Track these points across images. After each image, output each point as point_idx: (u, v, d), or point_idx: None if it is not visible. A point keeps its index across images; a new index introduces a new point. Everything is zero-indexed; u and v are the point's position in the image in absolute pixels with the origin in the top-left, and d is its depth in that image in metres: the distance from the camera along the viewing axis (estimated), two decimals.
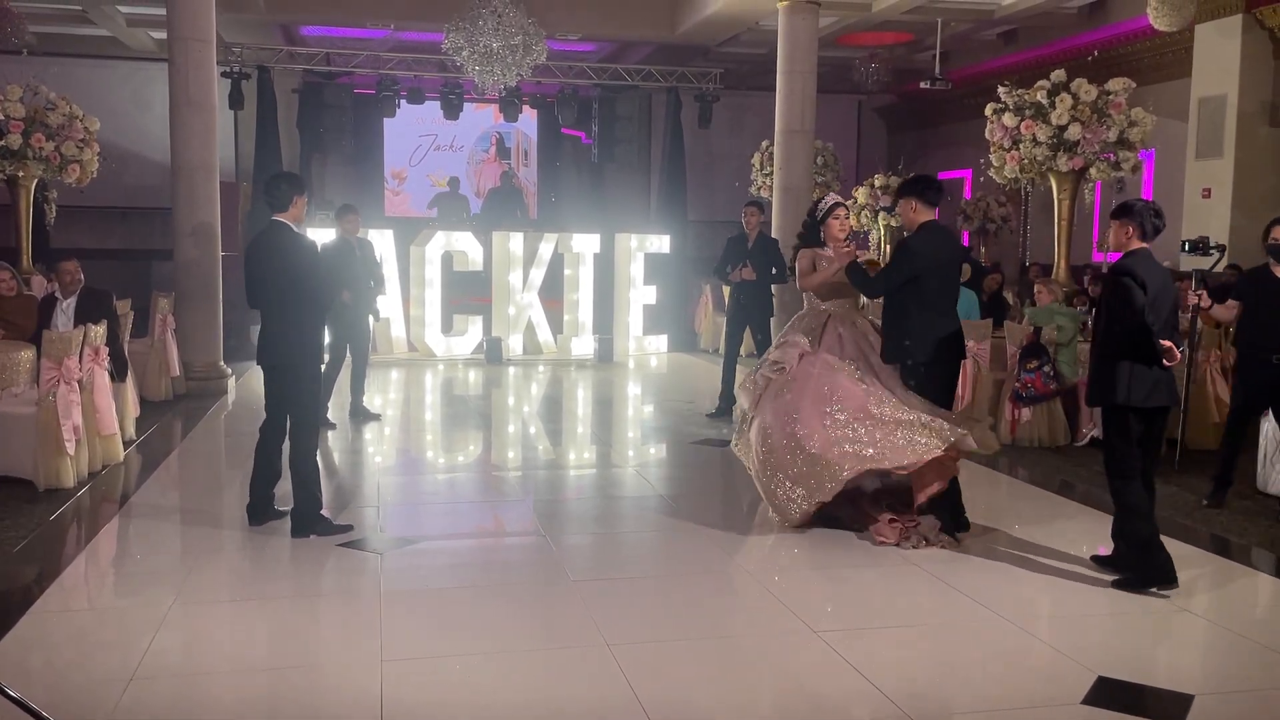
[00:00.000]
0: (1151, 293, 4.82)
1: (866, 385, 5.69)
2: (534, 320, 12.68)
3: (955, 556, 5.45)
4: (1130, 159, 9.23)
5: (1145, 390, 4.87)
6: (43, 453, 6.30)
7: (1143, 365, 4.84)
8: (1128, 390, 4.86)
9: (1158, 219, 5.01)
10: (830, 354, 5.85)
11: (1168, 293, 4.95)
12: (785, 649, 4.31)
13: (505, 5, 12.13)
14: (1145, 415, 4.94)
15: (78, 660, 4.09)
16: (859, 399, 5.62)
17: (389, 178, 18.61)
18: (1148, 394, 4.88)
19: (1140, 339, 4.81)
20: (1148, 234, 4.99)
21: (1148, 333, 4.80)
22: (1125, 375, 4.86)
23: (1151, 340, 4.80)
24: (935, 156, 18.35)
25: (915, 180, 5.84)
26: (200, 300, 10.04)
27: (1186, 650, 4.50)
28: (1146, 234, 4.99)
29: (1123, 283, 4.84)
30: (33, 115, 9.90)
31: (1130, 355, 4.85)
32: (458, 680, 3.95)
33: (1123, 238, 5.03)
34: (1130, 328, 4.83)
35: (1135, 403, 4.88)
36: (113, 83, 15.97)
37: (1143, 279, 4.82)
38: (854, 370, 5.76)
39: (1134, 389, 4.86)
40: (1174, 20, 10.66)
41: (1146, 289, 4.81)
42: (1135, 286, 4.80)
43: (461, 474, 7.61)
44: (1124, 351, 4.87)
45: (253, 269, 5.60)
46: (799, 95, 11.73)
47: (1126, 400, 4.88)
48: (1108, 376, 4.91)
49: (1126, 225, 5.01)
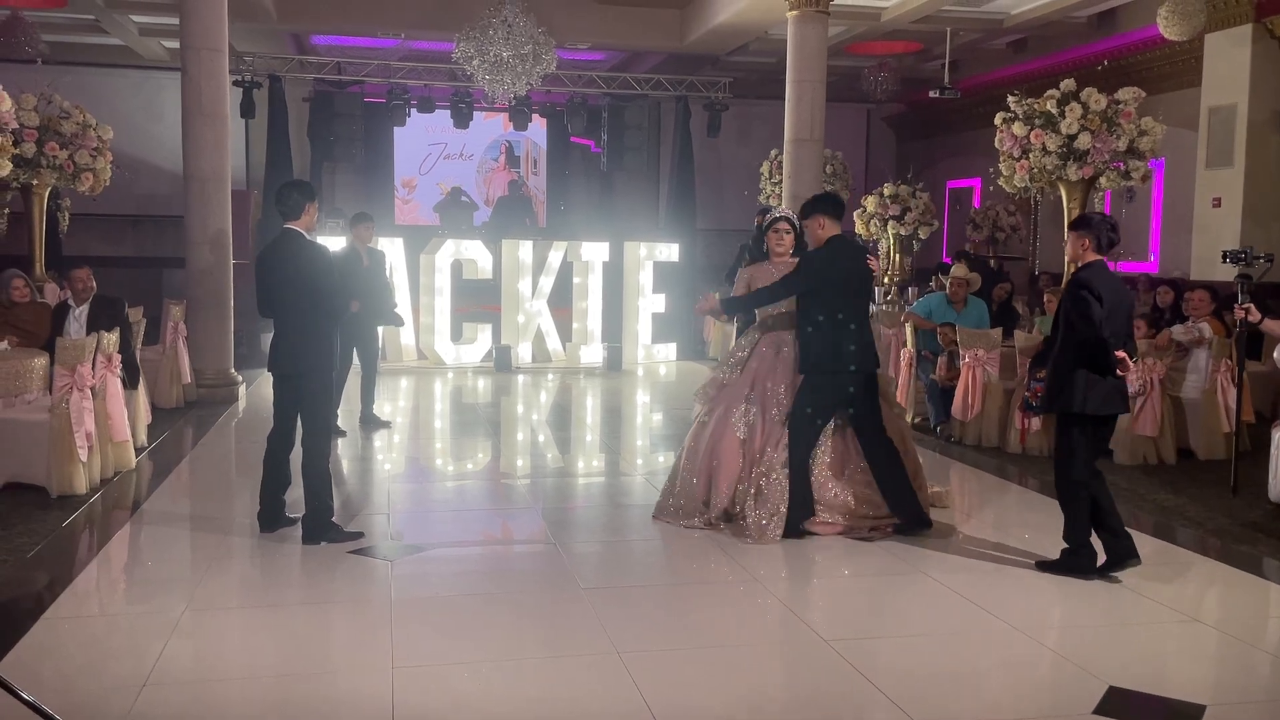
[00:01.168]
0: (1107, 304, 4.97)
1: (748, 441, 5.90)
2: (543, 328, 12.70)
3: (966, 566, 5.44)
4: (1140, 168, 9.22)
5: (1100, 399, 5.05)
6: (56, 459, 6.34)
7: (1098, 375, 5.01)
8: (1084, 399, 5.03)
9: (1113, 233, 5.19)
10: (755, 375, 6.01)
11: (1122, 303, 5.13)
12: (796, 657, 4.31)
13: (515, 15, 12.19)
14: (1097, 422, 5.14)
15: (90, 666, 4.11)
16: (733, 467, 5.90)
17: (399, 186, 18.69)
18: (1102, 402, 5.06)
19: (1096, 349, 4.97)
20: (1103, 246, 5.16)
21: (1103, 343, 4.96)
22: (1082, 384, 5.03)
23: (1107, 350, 4.96)
24: (944, 165, 18.35)
25: (819, 198, 6.03)
26: (212, 308, 10.09)
27: (1198, 660, 4.48)
28: (1102, 246, 5.16)
29: (1080, 295, 4.99)
30: (46, 124, 9.95)
31: (1086, 365, 5.01)
32: (468, 687, 3.96)
33: (1079, 250, 5.19)
34: (1086, 338, 4.98)
35: (1091, 410, 5.04)
36: (125, 91, 16.08)
37: (1099, 291, 4.96)
38: (750, 415, 5.93)
39: (1090, 398, 5.03)
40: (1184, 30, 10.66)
41: (1103, 301, 4.95)
42: (1093, 299, 4.94)
43: (471, 481, 7.63)
44: (1080, 361, 5.02)
45: (265, 277, 5.62)
46: (808, 104, 11.75)
47: (1083, 408, 5.04)
48: (1065, 385, 5.08)
49: (1084, 238, 5.17)
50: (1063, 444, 5.24)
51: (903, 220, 14.02)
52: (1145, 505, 6.71)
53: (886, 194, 14.14)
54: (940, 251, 17.65)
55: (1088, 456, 5.16)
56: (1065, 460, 5.21)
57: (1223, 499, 6.80)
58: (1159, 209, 13.76)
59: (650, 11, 15.14)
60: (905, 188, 14.13)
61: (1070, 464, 5.18)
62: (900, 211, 14.01)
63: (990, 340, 8.52)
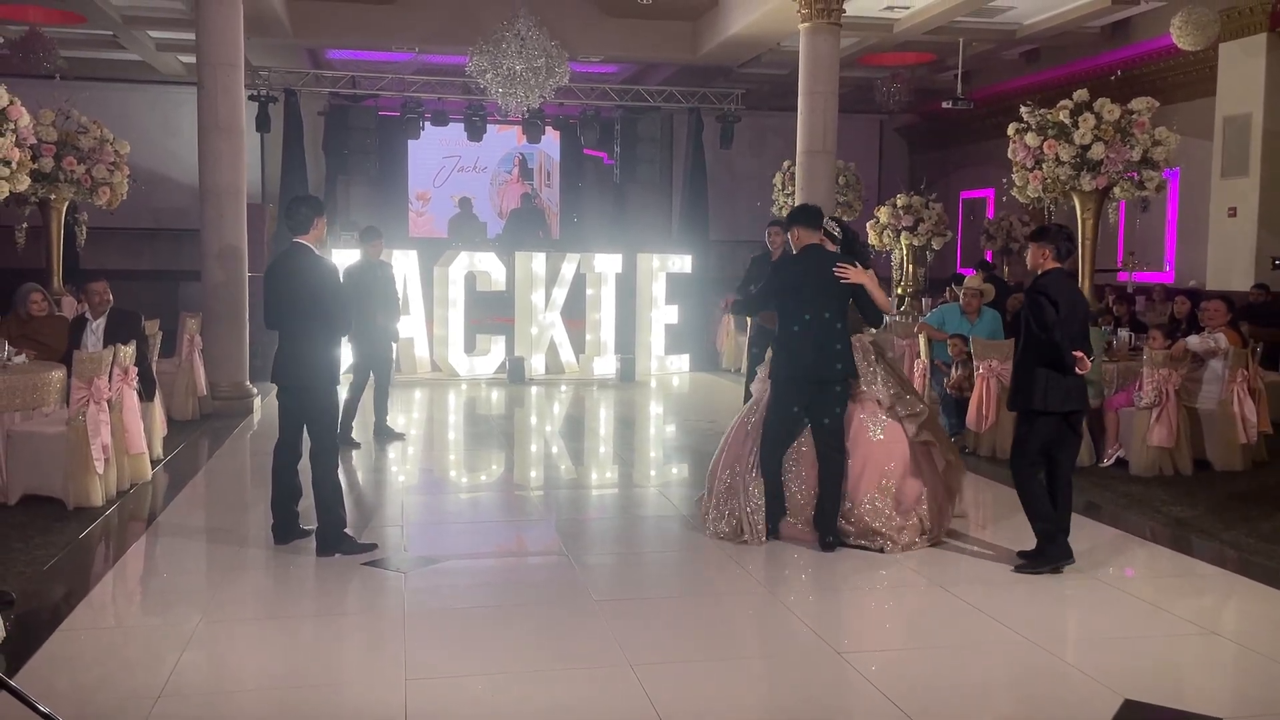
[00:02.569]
0: (1063, 309, 5.30)
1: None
2: (556, 340, 12.72)
3: (981, 577, 5.41)
4: (1155, 178, 9.19)
5: (1060, 397, 5.36)
6: (72, 472, 6.38)
7: (1056, 374, 5.33)
8: (1044, 397, 5.35)
9: (1069, 243, 5.54)
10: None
11: (1078, 308, 5.45)
12: (808, 669, 4.30)
13: (529, 28, 12.25)
14: (1060, 418, 5.42)
15: (106, 678, 4.13)
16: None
17: (413, 199, 18.77)
18: (1062, 400, 5.37)
19: (1052, 351, 5.29)
20: (1061, 255, 5.48)
21: (1057, 345, 5.28)
22: (1041, 383, 5.35)
23: (1062, 351, 5.27)
24: (957, 176, 18.33)
25: (794, 210, 6.35)
26: (227, 321, 10.15)
27: (1215, 673, 4.45)
28: (1060, 255, 5.48)
29: (1038, 301, 5.33)
30: (64, 139, 10.05)
31: (1045, 365, 5.34)
32: (481, 699, 3.96)
33: (1039, 259, 5.51)
34: (1044, 341, 5.30)
35: (1052, 407, 5.37)
36: (142, 106, 16.22)
37: (1055, 297, 5.30)
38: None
39: (1050, 396, 5.35)
40: (1198, 39, 10.64)
41: (1059, 305, 5.28)
42: (1049, 304, 5.28)
43: (484, 493, 7.64)
44: (1040, 361, 5.35)
45: (272, 290, 5.67)
46: (821, 115, 11.75)
47: (1044, 406, 5.37)
48: (1026, 384, 5.41)
49: (1044, 248, 5.49)
50: (1019, 436, 5.56)
51: (916, 231, 14.01)
52: (1161, 517, 6.67)
53: (899, 205, 14.12)
54: (954, 262, 17.61)
55: (1037, 450, 5.47)
56: (1019, 453, 5.52)
57: (1240, 510, 6.76)
58: (1174, 219, 13.70)
59: (663, 24, 15.19)
60: (918, 198, 14.11)
61: (1021, 459, 5.50)
62: (913, 222, 13.99)
63: (1004, 351, 8.47)
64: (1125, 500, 7.09)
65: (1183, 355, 8.02)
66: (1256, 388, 8.05)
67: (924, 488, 5.85)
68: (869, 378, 5.95)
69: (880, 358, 6.07)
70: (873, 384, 5.95)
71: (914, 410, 5.92)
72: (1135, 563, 5.93)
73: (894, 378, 6.04)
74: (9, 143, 7.84)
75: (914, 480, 5.84)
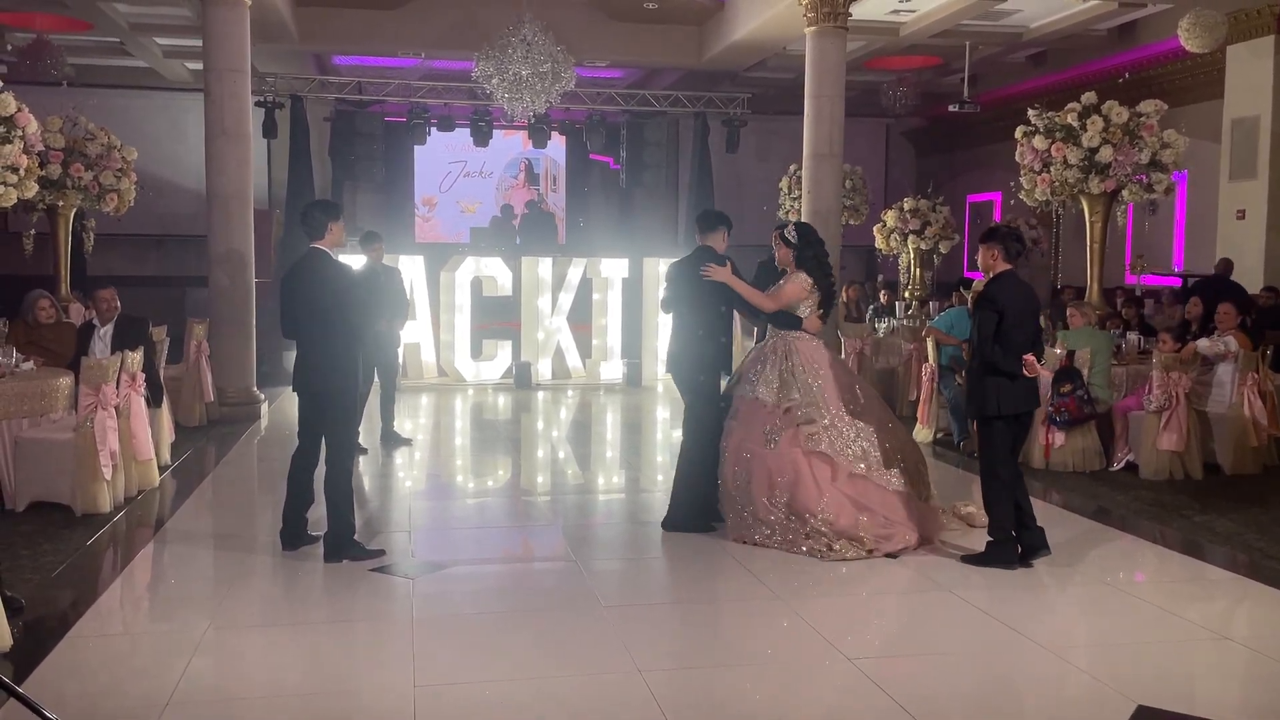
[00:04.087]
0: (1014, 312, 5.38)
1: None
2: (563, 345, 12.71)
3: (991, 582, 5.39)
4: (1163, 180, 9.16)
5: (1013, 400, 5.45)
6: (80, 478, 6.38)
7: (1007, 379, 5.41)
8: (998, 402, 5.44)
9: (1018, 243, 5.59)
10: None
11: (1029, 310, 5.53)
12: (818, 675, 4.28)
13: (534, 33, 12.25)
14: (1013, 419, 5.52)
15: (113, 685, 4.12)
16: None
17: (419, 204, 18.77)
18: (1017, 401, 5.48)
19: (997, 358, 5.37)
20: (1011, 256, 5.52)
21: (1002, 354, 5.35)
22: (994, 389, 5.44)
23: (1007, 357, 5.35)
24: (964, 179, 18.30)
25: (701, 214, 6.81)
26: (234, 327, 10.16)
27: (1228, 679, 4.42)
28: (1010, 256, 5.51)
29: (982, 311, 5.44)
30: (72, 145, 10.07)
31: (994, 371, 5.41)
32: (490, 705, 3.95)
33: (989, 260, 5.54)
34: (985, 351, 5.39)
35: (1006, 411, 5.46)
36: (149, 113, 16.24)
37: (1002, 305, 5.37)
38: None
39: (1003, 401, 5.44)
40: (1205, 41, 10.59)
41: (1007, 312, 5.35)
42: (992, 314, 5.36)
43: (491, 499, 7.63)
44: (990, 369, 5.43)
45: (289, 297, 5.60)
46: (827, 119, 11.74)
47: (998, 410, 5.44)
48: (980, 391, 5.50)
49: (992, 249, 5.52)
50: (984, 443, 5.62)
51: (923, 235, 13.99)
52: (1172, 521, 6.63)
53: (906, 208, 14.11)
54: (961, 266, 17.57)
55: (1008, 453, 5.56)
56: (988, 458, 5.59)
57: (1251, 514, 6.72)
58: (1182, 221, 13.66)
59: (668, 28, 15.19)
60: (925, 202, 14.09)
61: (993, 461, 5.55)
62: (920, 226, 13.98)
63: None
64: (1135, 504, 7.06)
65: (1192, 358, 7.99)
66: (1267, 390, 8.00)
67: (823, 497, 5.76)
68: (766, 380, 6.02)
69: (787, 360, 6.05)
70: (763, 385, 6.01)
71: (810, 420, 5.85)
72: (1145, 567, 5.90)
73: (796, 384, 5.97)
74: (17, 149, 7.86)
75: (810, 489, 5.79)
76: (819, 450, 5.82)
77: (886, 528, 5.78)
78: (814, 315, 6.16)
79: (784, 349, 6.09)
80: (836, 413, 5.92)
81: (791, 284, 6.14)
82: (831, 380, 6.02)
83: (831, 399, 5.96)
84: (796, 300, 6.11)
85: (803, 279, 6.12)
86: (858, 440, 5.88)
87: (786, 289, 6.14)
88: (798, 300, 6.11)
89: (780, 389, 5.97)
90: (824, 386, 5.96)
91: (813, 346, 6.12)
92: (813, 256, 6.20)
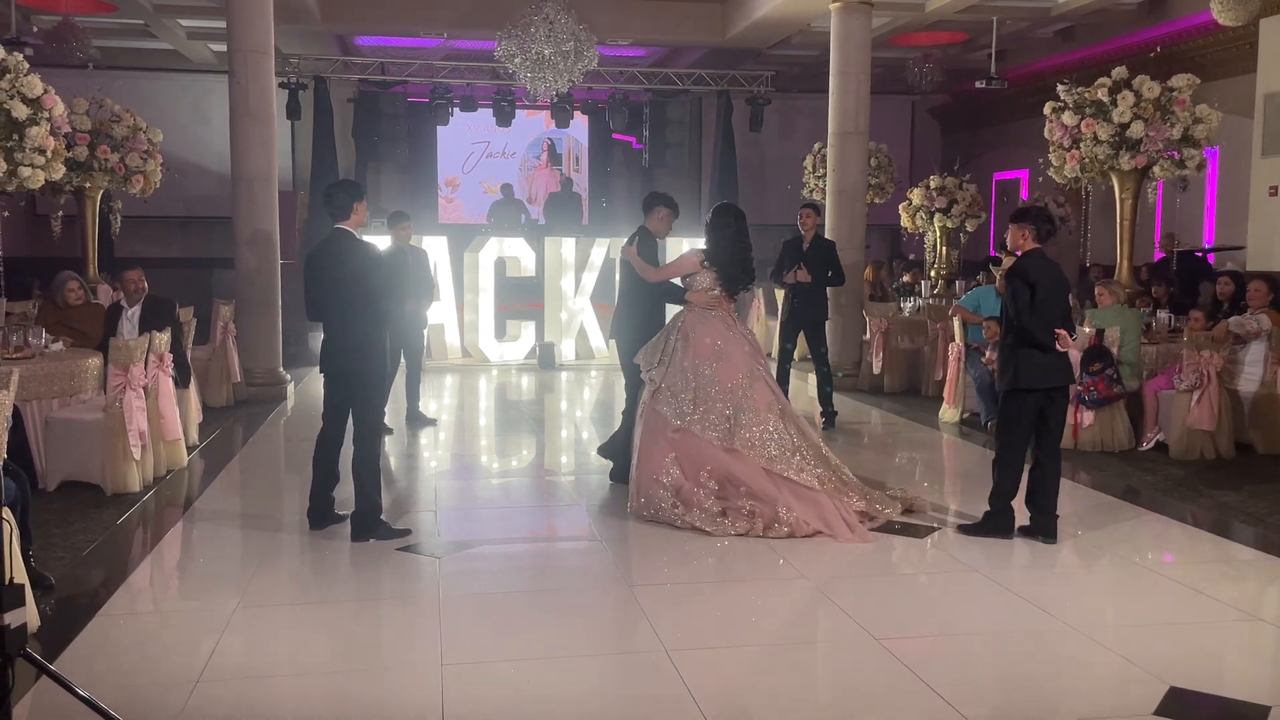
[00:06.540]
0: (1044, 288, 5.43)
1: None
2: (586, 325, 12.70)
3: (1019, 562, 5.35)
4: (1195, 156, 9.02)
5: (1046, 373, 5.50)
6: (110, 458, 6.44)
7: (1039, 352, 5.45)
8: (1028, 375, 5.50)
9: (1049, 224, 5.67)
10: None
11: (1060, 287, 5.57)
12: (846, 656, 4.27)
13: (557, 12, 12.18)
14: (1044, 395, 5.55)
15: (144, 663, 4.17)
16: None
17: (442, 185, 18.77)
18: (1045, 375, 5.51)
19: (1028, 332, 5.43)
20: (1041, 236, 5.60)
21: (1039, 325, 5.40)
22: (1025, 362, 5.50)
23: (1041, 330, 5.40)
24: (990, 156, 18.10)
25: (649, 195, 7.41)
26: (260, 307, 10.20)
27: (1261, 660, 4.37)
28: (1040, 236, 5.59)
29: (1015, 284, 5.48)
30: (98, 127, 10.12)
31: (1027, 343, 5.47)
32: (517, 684, 3.96)
33: (1020, 239, 5.62)
34: (1024, 321, 5.43)
35: (1037, 385, 5.51)
36: (174, 95, 16.30)
37: (1034, 279, 5.43)
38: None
39: (1033, 374, 5.50)
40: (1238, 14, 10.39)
41: (1039, 286, 5.41)
42: (1026, 286, 5.42)
43: (516, 478, 7.64)
44: (1021, 341, 5.49)
45: (316, 279, 5.57)
46: (852, 97, 11.62)
47: (1028, 383, 5.51)
48: (1009, 363, 5.56)
49: (1024, 229, 5.59)
50: (1005, 414, 5.68)
51: (949, 213, 13.86)
52: (1203, 501, 6.56)
53: (933, 186, 13.97)
54: (988, 244, 17.41)
55: (1023, 429, 5.60)
56: (1006, 429, 5.68)
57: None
58: (1213, 198, 13.46)
59: (691, 6, 15.07)
60: (951, 180, 13.94)
61: (1010, 432, 5.64)
62: (947, 204, 13.84)
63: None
64: (1165, 484, 6.99)
65: (1224, 337, 7.89)
66: None
67: (687, 481, 5.88)
68: (651, 346, 6.29)
69: (674, 331, 6.24)
70: (644, 352, 6.29)
71: (681, 408, 5.96)
72: (1176, 548, 5.85)
73: (663, 350, 6.16)
74: (44, 131, 7.89)
75: (687, 469, 5.92)
76: (657, 409, 6.03)
77: (746, 500, 5.80)
78: (705, 291, 6.25)
79: (677, 320, 6.36)
80: (701, 385, 6.00)
81: (682, 258, 6.60)
82: (706, 352, 6.09)
83: (701, 370, 6.03)
84: (684, 273, 6.38)
85: (692, 253, 6.39)
86: (723, 413, 5.93)
87: (675, 263, 6.64)
88: (686, 273, 6.36)
89: (649, 354, 6.25)
90: (692, 356, 6.07)
91: (697, 317, 6.24)
92: (715, 240, 6.36)
